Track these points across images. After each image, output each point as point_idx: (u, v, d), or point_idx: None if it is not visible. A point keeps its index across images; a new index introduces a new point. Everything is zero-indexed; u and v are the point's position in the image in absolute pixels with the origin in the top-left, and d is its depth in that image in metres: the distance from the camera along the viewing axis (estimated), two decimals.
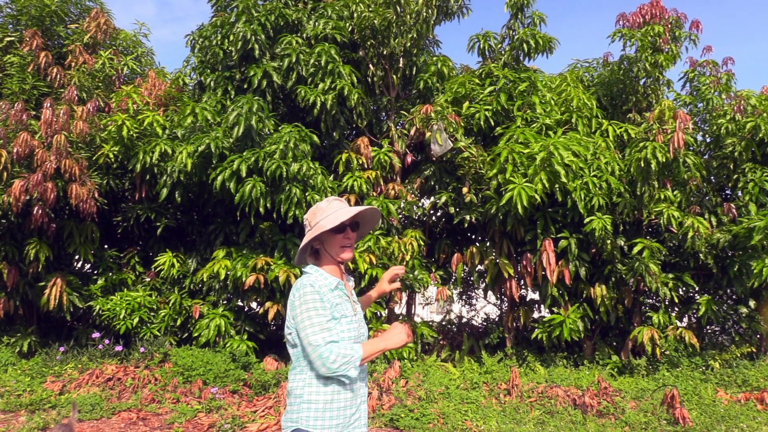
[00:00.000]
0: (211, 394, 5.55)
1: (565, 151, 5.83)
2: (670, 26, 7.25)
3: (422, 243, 6.75)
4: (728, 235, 6.19)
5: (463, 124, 6.82)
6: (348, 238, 2.08)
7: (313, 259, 2.14)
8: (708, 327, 7.12)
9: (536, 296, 7.33)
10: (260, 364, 6.12)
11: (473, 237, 7.79)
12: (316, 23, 7.04)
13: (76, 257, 7.29)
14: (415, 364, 6.35)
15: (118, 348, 6.40)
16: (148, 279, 6.96)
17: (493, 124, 6.72)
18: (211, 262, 6.36)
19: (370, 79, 7.36)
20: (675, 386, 5.49)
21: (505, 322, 7.02)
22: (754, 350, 6.73)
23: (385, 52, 7.14)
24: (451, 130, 6.60)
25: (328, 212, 2.06)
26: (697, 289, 7.03)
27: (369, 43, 7.19)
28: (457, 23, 8.80)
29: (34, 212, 6.07)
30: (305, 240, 2.08)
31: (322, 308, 1.92)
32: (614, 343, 7.03)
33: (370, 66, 7.32)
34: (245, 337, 6.34)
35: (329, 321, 1.92)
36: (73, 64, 7.19)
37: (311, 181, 6.21)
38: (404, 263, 6.39)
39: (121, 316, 6.37)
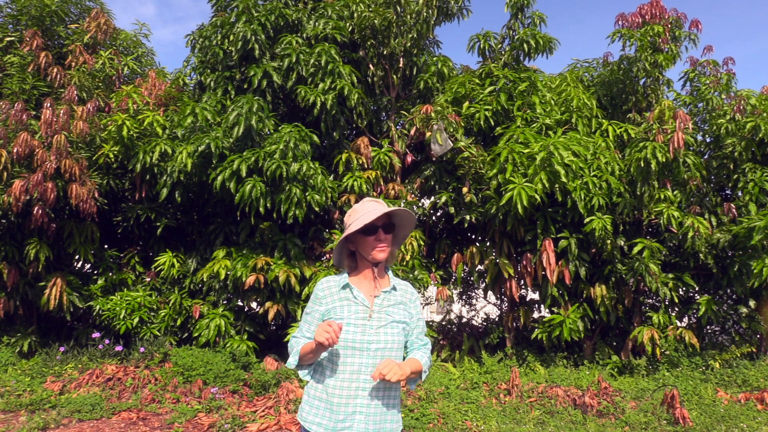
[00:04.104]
0: (211, 394, 5.55)
1: (565, 151, 5.83)
2: (669, 26, 7.26)
3: (422, 243, 6.74)
4: (728, 235, 6.19)
5: (463, 124, 6.82)
6: (380, 239, 2.07)
7: (350, 261, 2.18)
8: (708, 327, 7.11)
9: (536, 296, 7.33)
10: (260, 364, 6.12)
11: (473, 237, 7.78)
12: (316, 23, 7.04)
13: (76, 257, 7.28)
14: None
15: (118, 348, 6.40)
16: (148, 279, 6.96)
17: (493, 124, 6.72)
18: (211, 262, 6.36)
19: (370, 79, 7.36)
20: (675, 386, 5.49)
21: (505, 322, 7.01)
22: (754, 350, 6.73)
23: (385, 52, 7.14)
24: (451, 130, 6.60)
25: (359, 214, 2.06)
26: (697, 289, 7.03)
27: (369, 43, 7.19)
28: (457, 24, 8.80)
29: (34, 212, 6.07)
30: (337, 243, 2.16)
31: (310, 308, 2.12)
32: (614, 343, 7.03)
33: (370, 66, 7.32)
34: (245, 337, 6.34)
35: (306, 322, 2.11)
36: (73, 64, 7.19)
37: (311, 181, 6.21)
38: (404, 263, 6.39)
39: (121, 316, 6.37)
